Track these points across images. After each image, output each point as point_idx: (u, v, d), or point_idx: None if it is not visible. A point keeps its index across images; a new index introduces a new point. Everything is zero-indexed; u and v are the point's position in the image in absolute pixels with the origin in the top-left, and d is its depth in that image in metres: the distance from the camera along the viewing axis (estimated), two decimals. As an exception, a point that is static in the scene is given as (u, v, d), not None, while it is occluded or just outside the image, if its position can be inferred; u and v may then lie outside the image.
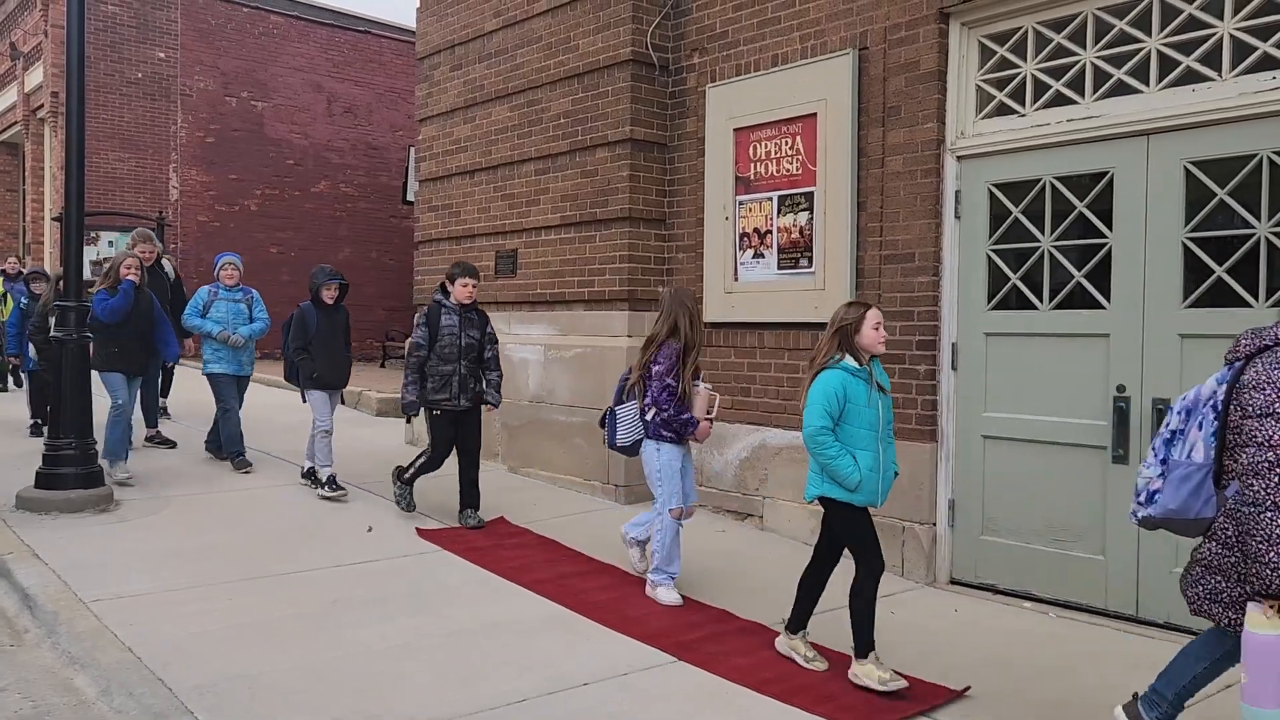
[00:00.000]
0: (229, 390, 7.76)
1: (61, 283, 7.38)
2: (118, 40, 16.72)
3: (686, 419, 5.07)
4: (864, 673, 4.02)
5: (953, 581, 5.63)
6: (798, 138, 6.35)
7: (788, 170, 6.43)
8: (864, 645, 4.06)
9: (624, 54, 7.18)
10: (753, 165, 6.64)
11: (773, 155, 6.51)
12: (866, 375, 4.14)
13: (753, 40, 6.69)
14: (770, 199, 6.54)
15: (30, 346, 8.96)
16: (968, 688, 4.04)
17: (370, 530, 6.21)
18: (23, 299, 9.15)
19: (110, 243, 16.28)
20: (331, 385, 7.09)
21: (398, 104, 19.02)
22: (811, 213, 6.28)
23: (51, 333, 6.82)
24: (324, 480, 6.95)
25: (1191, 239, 4.78)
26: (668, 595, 5.05)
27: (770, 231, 6.54)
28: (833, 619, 4.50)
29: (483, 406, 6.53)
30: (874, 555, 4.14)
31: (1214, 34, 4.73)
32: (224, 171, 17.50)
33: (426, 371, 6.28)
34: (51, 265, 17.23)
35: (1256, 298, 4.57)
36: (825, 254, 6.18)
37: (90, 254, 15.49)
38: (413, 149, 10.38)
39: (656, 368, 5.07)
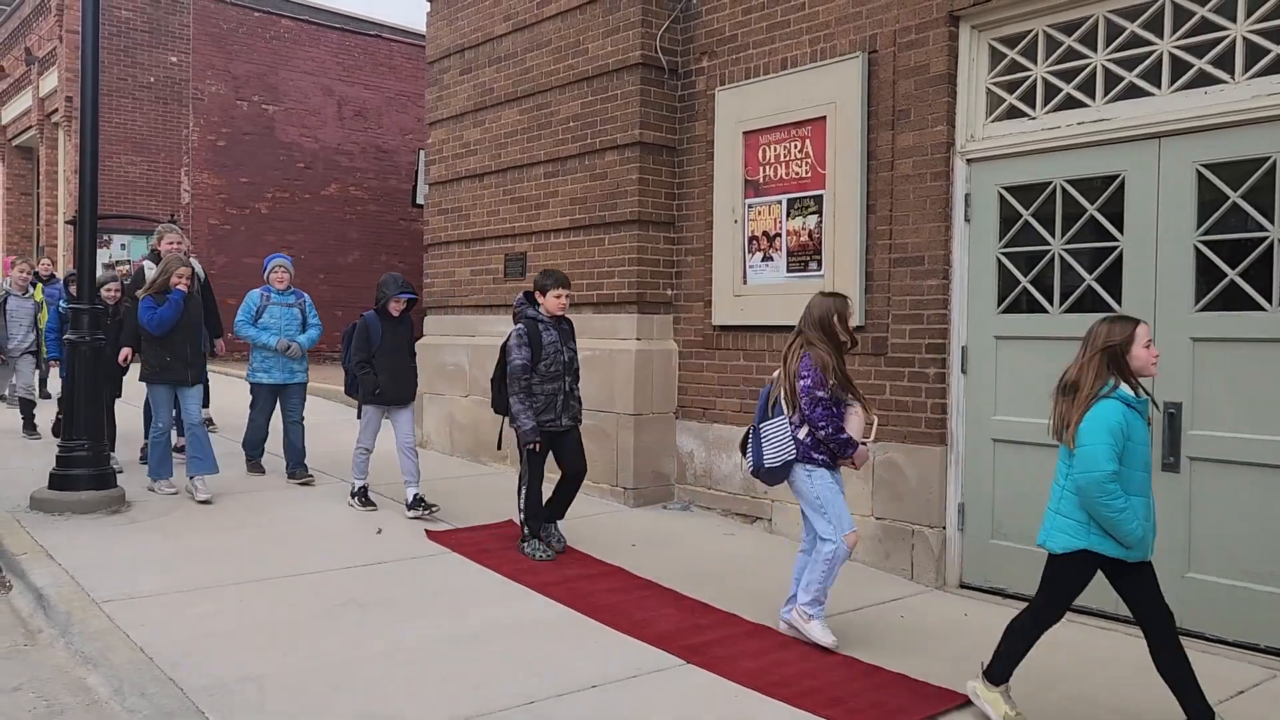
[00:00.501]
0: (268, 403, 7.49)
1: (103, 289, 7.31)
2: (130, 45, 16.82)
3: (845, 439, 4.48)
4: (990, 700, 3.78)
5: (962, 585, 5.61)
6: (807, 141, 6.35)
7: (797, 173, 6.43)
8: (1001, 673, 3.79)
9: (633, 57, 7.20)
10: (762, 168, 6.64)
11: (782, 158, 6.52)
12: (1144, 406, 3.60)
13: (762, 44, 6.70)
14: (779, 202, 6.54)
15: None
16: (977, 692, 4.02)
17: (380, 532, 6.23)
18: (61, 302, 8.68)
19: (123, 245, 16.40)
20: (395, 401, 6.68)
21: (408, 107, 19.08)
22: (821, 216, 6.27)
23: (66, 335, 6.83)
24: (354, 490, 6.74)
25: (1203, 242, 4.76)
26: (822, 633, 4.48)
27: (779, 234, 6.54)
28: (848, 620, 4.49)
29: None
30: (1059, 611, 3.77)
31: (1227, 36, 4.72)
32: (235, 175, 17.58)
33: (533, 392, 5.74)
34: (66, 268, 17.32)
35: (1270, 301, 4.55)
36: (834, 257, 6.17)
37: (103, 257, 15.62)
38: (422, 152, 10.42)
39: (803, 380, 4.48)
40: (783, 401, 4.54)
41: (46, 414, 9.25)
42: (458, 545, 5.98)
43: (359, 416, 6.73)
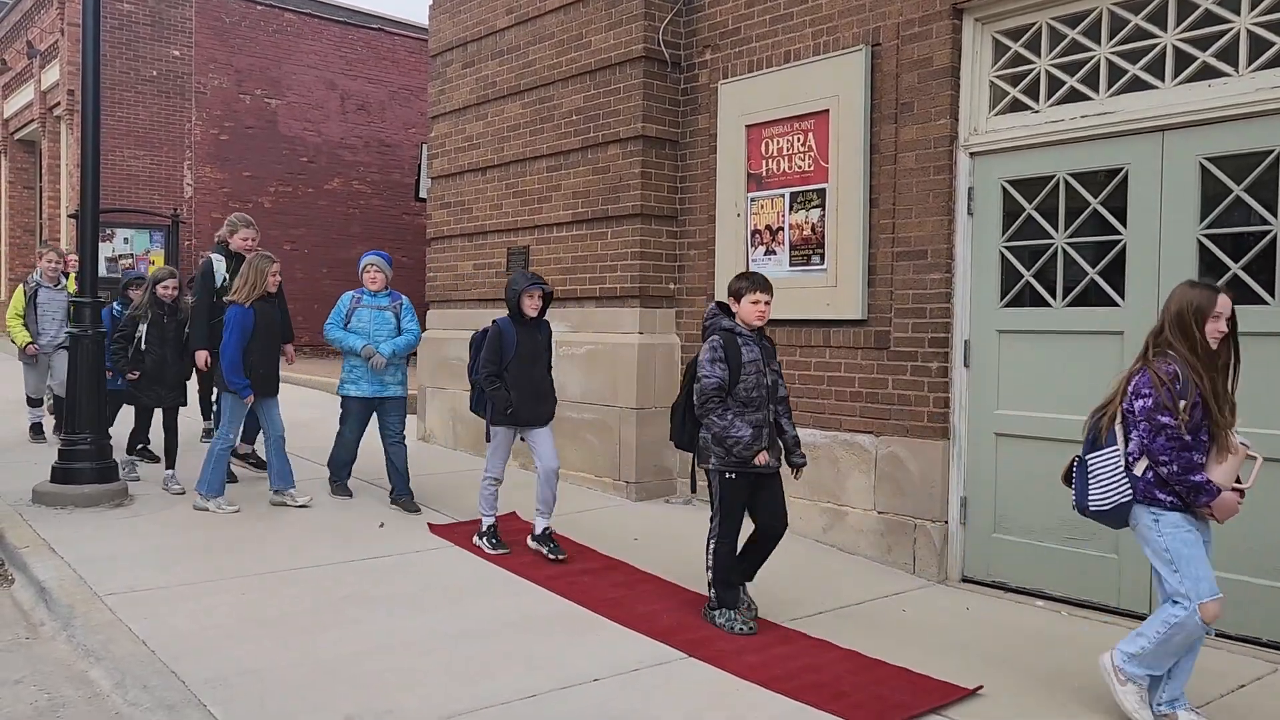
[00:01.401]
0: (359, 419, 6.81)
1: (160, 285, 6.96)
2: (133, 38, 16.81)
3: (1198, 483, 3.49)
4: None
5: (964, 579, 5.61)
6: (810, 134, 6.33)
7: (800, 167, 6.41)
8: None
9: (636, 50, 7.18)
10: (765, 162, 6.63)
11: (785, 152, 6.50)
12: None
13: (765, 37, 6.68)
14: (782, 195, 6.52)
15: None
16: (980, 686, 4.02)
17: (382, 526, 6.23)
18: (116, 306, 7.79)
19: (126, 239, 16.40)
20: (531, 421, 5.75)
21: (410, 101, 19.06)
22: (824, 209, 6.26)
23: (67, 328, 6.80)
24: (483, 530, 5.82)
25: (1207, 236, 4.75)
26: (1134, 701, 3.67)
27: (782, 228, 6.53)
28: (850, 614, 4.49)
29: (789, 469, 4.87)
30: None
31: (1231, 29, 4.70)
32: (238, 169, 17.57)
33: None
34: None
35: (1273, 294, 4.54)
36: (837, 251, 6.16)
37: (105, 251, 15.63)
38: (425, 146, 10.40)
39: (1141, 401, 3.55)
40: (1115, 427, 3.65)
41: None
42: (460, 539, 5.99)
43: (488, 439, 5.87)
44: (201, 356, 7.00)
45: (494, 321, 5.81)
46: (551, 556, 5.60)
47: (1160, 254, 4.86)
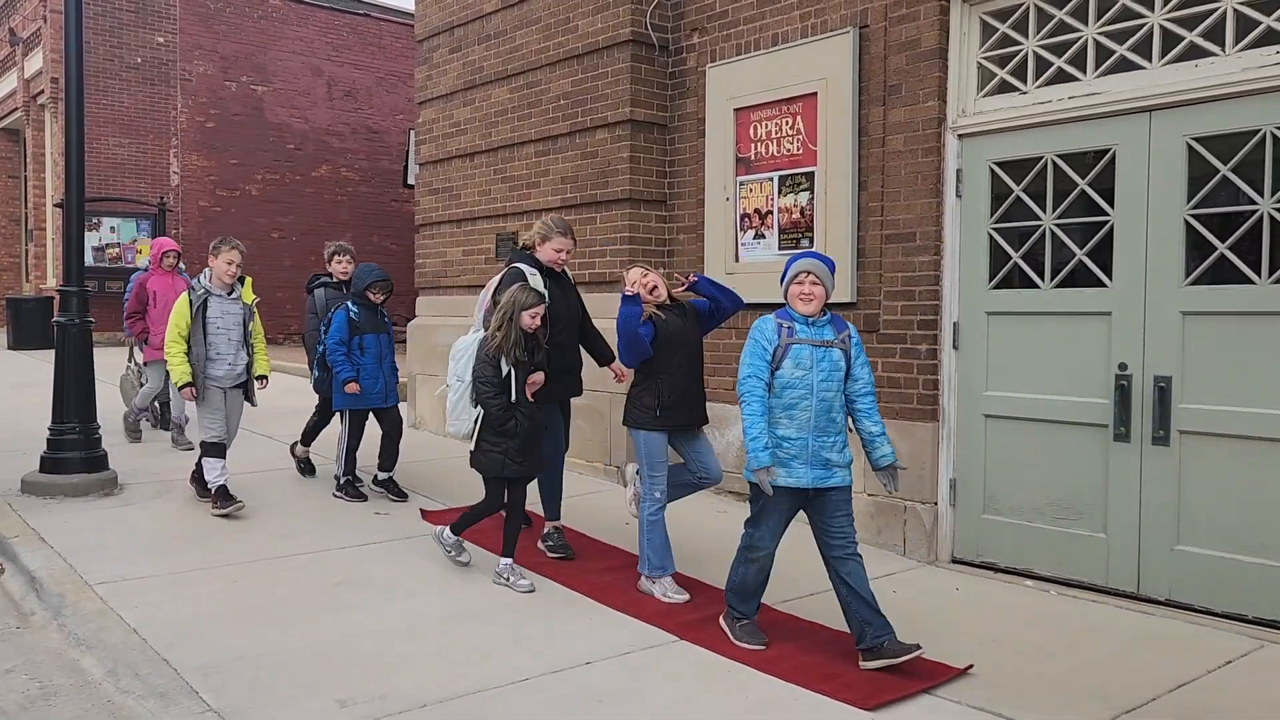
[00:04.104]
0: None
1: (528, 312, 4.87)
2: (116, 25, 16.66)
3: None
4: None
5: (954, 560, 5.64)
6: (798, 117, 6.32)
7: (788, 150, 6.40)
8: None
9: (623, 34, 7.15)
10: (753, 145, 6.62)
11: (773, 135, 6.49)
12: None
13: (753, 19, 6.65)
14: (771, 179, 6.52)
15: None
16: (970, 666, 4.05)
17: (377, 515, 6.23)
18: (352, 308, 6.50)
19: (113, 228, 16.31)
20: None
21: (397, 87, 18.95)
22: (812, 193, 6.26)
23: (57, 317, 6.74)
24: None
25: (1194, 216, 4.76)
26: None
27: (771, 212, 6.52)
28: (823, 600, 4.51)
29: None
30: None
31: (1217, 8, 4.69)
32: (224, 156, 17.46)
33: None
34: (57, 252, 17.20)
35: (1259, 274, 4.56)
36: (826, 234, 6.16)
37: (91, 239, 15.55)
38: (413, 132, 10.35)
39: None
40: None
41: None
42: (451, 525, 5.99)
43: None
44: (535, 378, 5.13)
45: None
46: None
47: (1148, 235, 4.88)
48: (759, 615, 4.38)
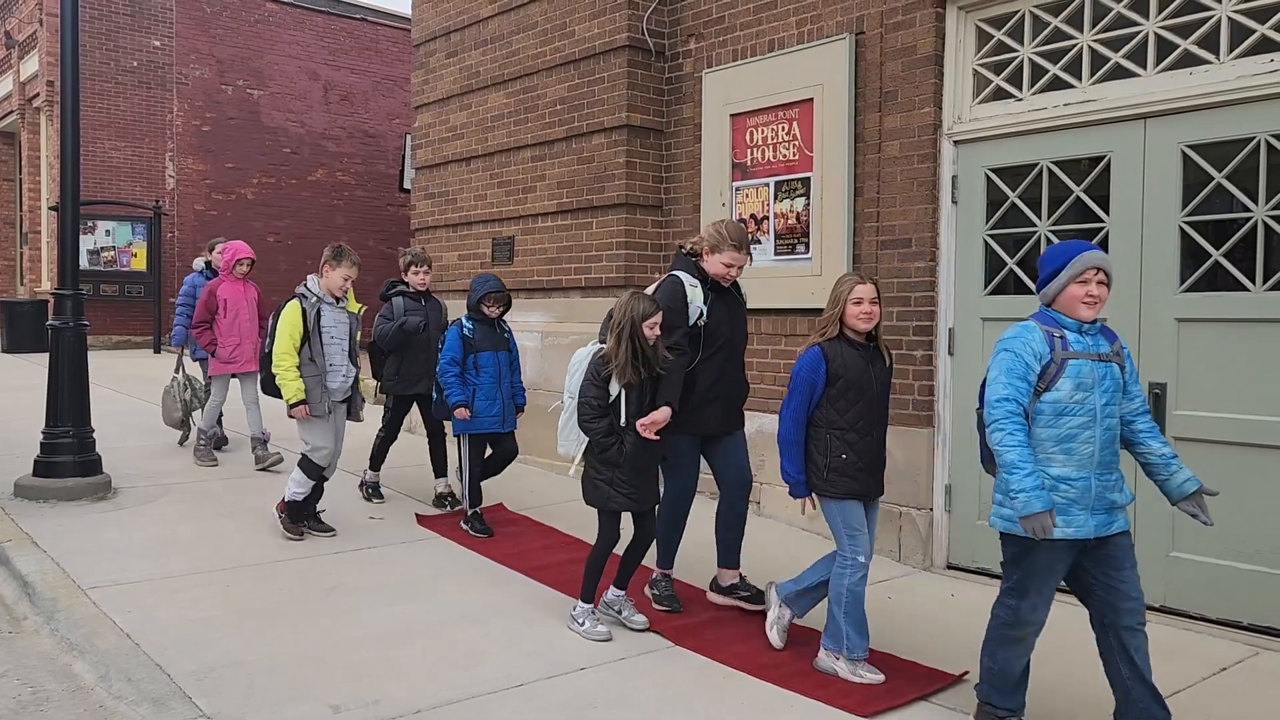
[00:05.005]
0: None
1: (647, 323, 4.30)
2: (112, 28, 16.64)
3: None
4: None
5: (949, 566, 5.64)
6: (794, 123, 6.33)
7: (785, 156, 6.41)
8: None
9: (620, 39, 7.16)
10: (749, 151, 6.62)
11: (769, 141, 6.50)
12: None
13: (749, 25, 6.66)
14: (767, 185, 6.52)
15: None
16: (965, 672, 4.05)
17: (371, 519, 6.22)
18: (466, 323, 6.00)
19: (108, 232, 16.28)
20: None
21: (394, 91, 18.96)
22: (808, 198, 6.26)
23: (51, 320, 6.71)
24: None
25: (1188, 223, 4.77)
26: None
27: (767, 217, 6.53)
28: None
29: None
30: None
31: (1212, 16, 4.71)
32: (220, 160, 17.45)
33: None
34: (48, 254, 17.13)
35: (1254, 281, 4.57)
36: (822, 240, 6.17)
37: (86, 243, 15.52)
38: (409, 136, 10.35)
39: None
40: None
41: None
42: (447, 530, 5.98)
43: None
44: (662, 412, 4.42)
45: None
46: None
47: (1143, 241, 4.89)
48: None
